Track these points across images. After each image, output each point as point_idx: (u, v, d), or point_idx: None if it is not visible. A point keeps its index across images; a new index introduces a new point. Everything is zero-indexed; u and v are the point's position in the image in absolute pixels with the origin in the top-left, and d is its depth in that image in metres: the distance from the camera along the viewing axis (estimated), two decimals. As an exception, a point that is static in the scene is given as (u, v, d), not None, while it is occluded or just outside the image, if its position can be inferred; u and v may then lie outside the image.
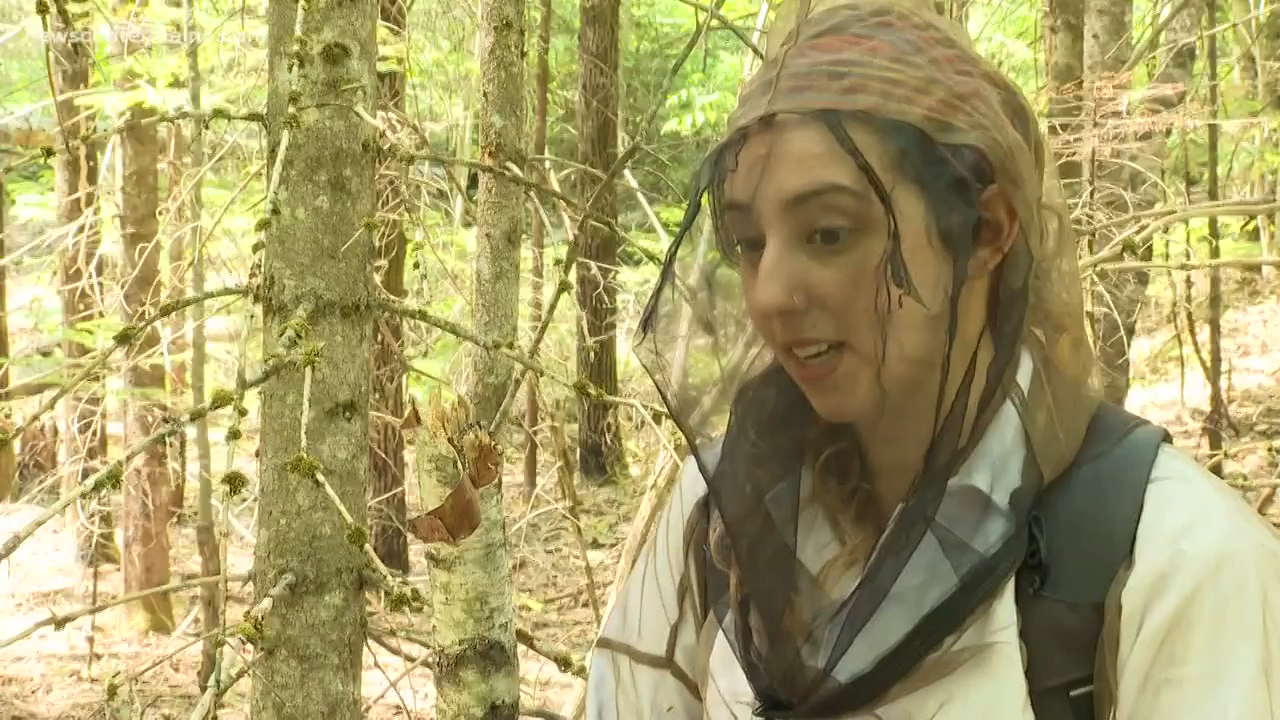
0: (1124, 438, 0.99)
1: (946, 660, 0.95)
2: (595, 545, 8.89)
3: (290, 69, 1.93)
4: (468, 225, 12.67)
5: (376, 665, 2.72)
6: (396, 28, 6.46)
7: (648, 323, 1.05)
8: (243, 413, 1.59)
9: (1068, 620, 0.94)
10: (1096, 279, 4.76)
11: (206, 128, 5.37)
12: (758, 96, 0.97)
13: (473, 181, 6.19)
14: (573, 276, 2.57)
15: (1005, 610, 0.95)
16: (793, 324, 0.96)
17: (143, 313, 6.22)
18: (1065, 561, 0.95)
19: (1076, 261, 1.05)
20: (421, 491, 1.20)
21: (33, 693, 6.54)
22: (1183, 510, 0.94)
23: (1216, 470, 7.91)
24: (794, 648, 0.99)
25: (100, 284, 7.45)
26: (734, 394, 1.07)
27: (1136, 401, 10.66)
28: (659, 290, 1.05)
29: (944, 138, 0.93)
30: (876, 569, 0.97)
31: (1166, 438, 1.00)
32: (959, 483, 0.96)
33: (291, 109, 1.88)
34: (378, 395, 7.02)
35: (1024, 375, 0.99)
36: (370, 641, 2.26)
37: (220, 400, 1.66)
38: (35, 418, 2.01)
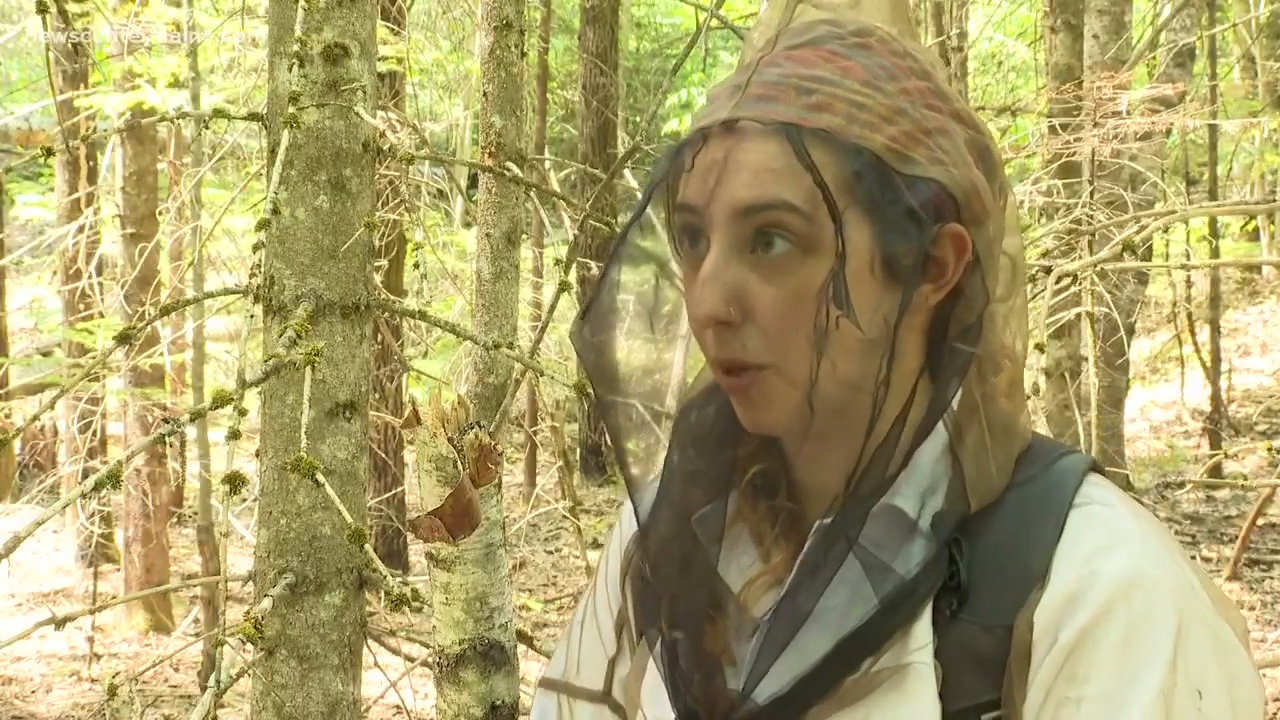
0: (1051, 465, 0.99)
1: (864, 681, 0.94)
2: (595, 545, 8.87)
3: (290, 69, 1.92)
4: (468, 225, 12.67)
5: (376, 665, 2.72)
6: (396, 28, 6.46)
7: (587, 313, 1.06)
8: (243, 413, 1.59)
9: (982, 643, 0.93)
10: (1096, 279, 4.76)
11: (206, 128, 5.37)
12: (724, 100, 0.96)
13: (473, 181, 6.19)
14: (573, 276, 2.57)
15: (922, 631, 0.94)
16: (725, 339, 0.96)
17: (143, 313, 6.22)
18: (984, 585, 0.94)
19: (1025, 307, 1.05)
20: (421, 491, 1.20)
21: (33, 693, 6.54)
22: (1101, 533, 0.94)
23: (1216, 470, 7.92)
24: (717, 668, 0.99)
25: (100, 284, 7.45)
26: (676, 411, 1.07)
27: (1136, 401, 10.67)
28: (602, 282, 1.06)
29: (902, 168, 0.93)
30: (795, 589, 0.97)
31: (1095, 467, 1.00)
32: (883, 503, 0.96)
33: (291, 109, 1.88)
34: (378, 395, 7.02)
35: (954, 403, 0.99)
36: (370, 641, 2.26)
37: (220, 400, 1.66)
38: (35, 418, 2.00)
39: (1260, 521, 7.13)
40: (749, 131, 0.93)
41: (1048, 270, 3.58)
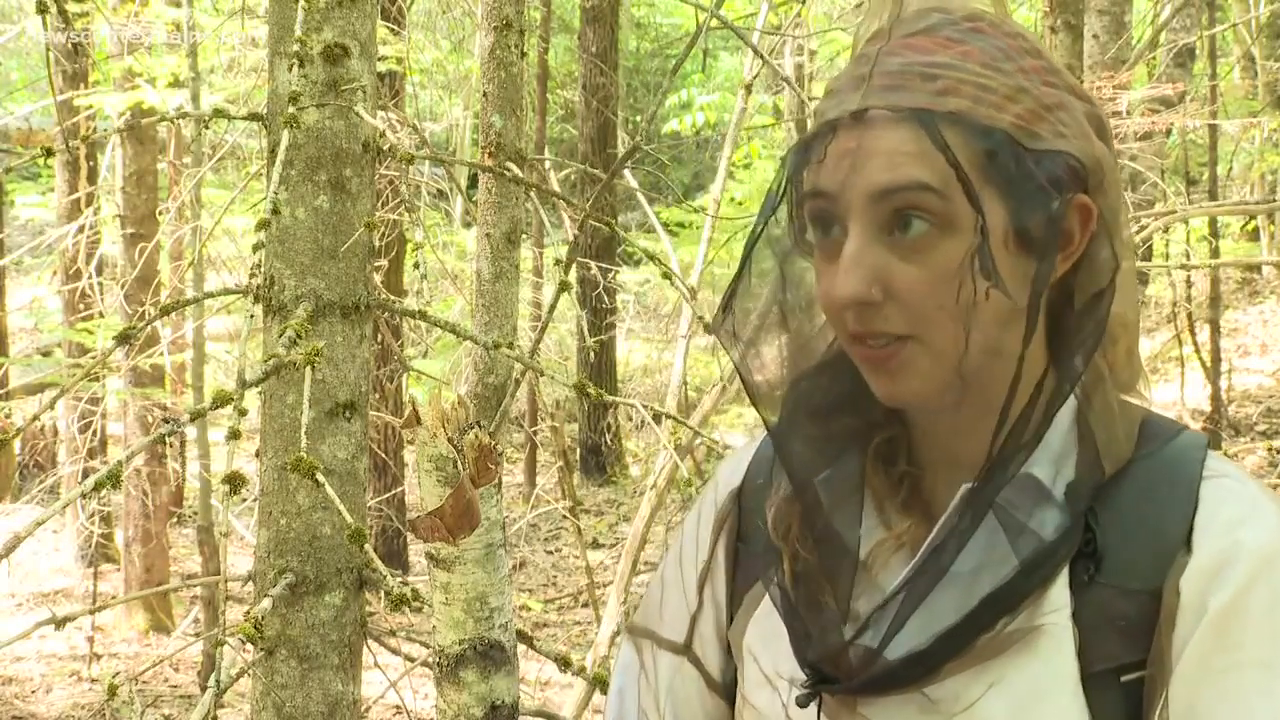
0: (1172, 439, 1.03)
1: (998, 641, 0.97)
2: (595, 545, 8.88)
3: (290, 69, 1.92)
4: (468, 225, 12.67)
5: (376, 665, 2.72)
6: (396, 28, 6.46)
7: (729, 305, 1.09)
8: (243, 413, 1.59)
9: (1122, 606, 0.97)
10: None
11: (206, 128, 5.37)
12: (849, 91, 1.00)
13: (473, 181, 6.19)
14: (573, 276, 2.58)
15: (1058, 594, 0.98)
16: (866, 316, 0.99)
17: (143, 313, 6.22)
18: (1120, 551, 0.98)
19: (1134, 274, 1.08)
20: (421, 491, 1.20)
21: (33, 693, 6.54)
22: (1238, 505, 0.98)
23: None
24: (839, 626, 1.03)
25: (100, 284, 7.45)
26: (789, 384, 1.10)
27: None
28: (740, 274, 1.08)
29: (1030, 144, 0.97)
30: (939, 549, 0.99)
31: (1213, 443, 1.03)
32: (1021, 472, 0.99)
33: (291, 109, 1.88)
34: (378, 395, 7.02)
35: (1085, 376, 1.02)
36: (370, 641, 2.26)
37: (220, 400, 1.66)
38: (35, 418, 2.00)
39: (1260, 521, 7.11)
40: (880, 119, 0.97)
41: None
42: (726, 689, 1.19)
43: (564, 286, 2.48)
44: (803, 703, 1.05)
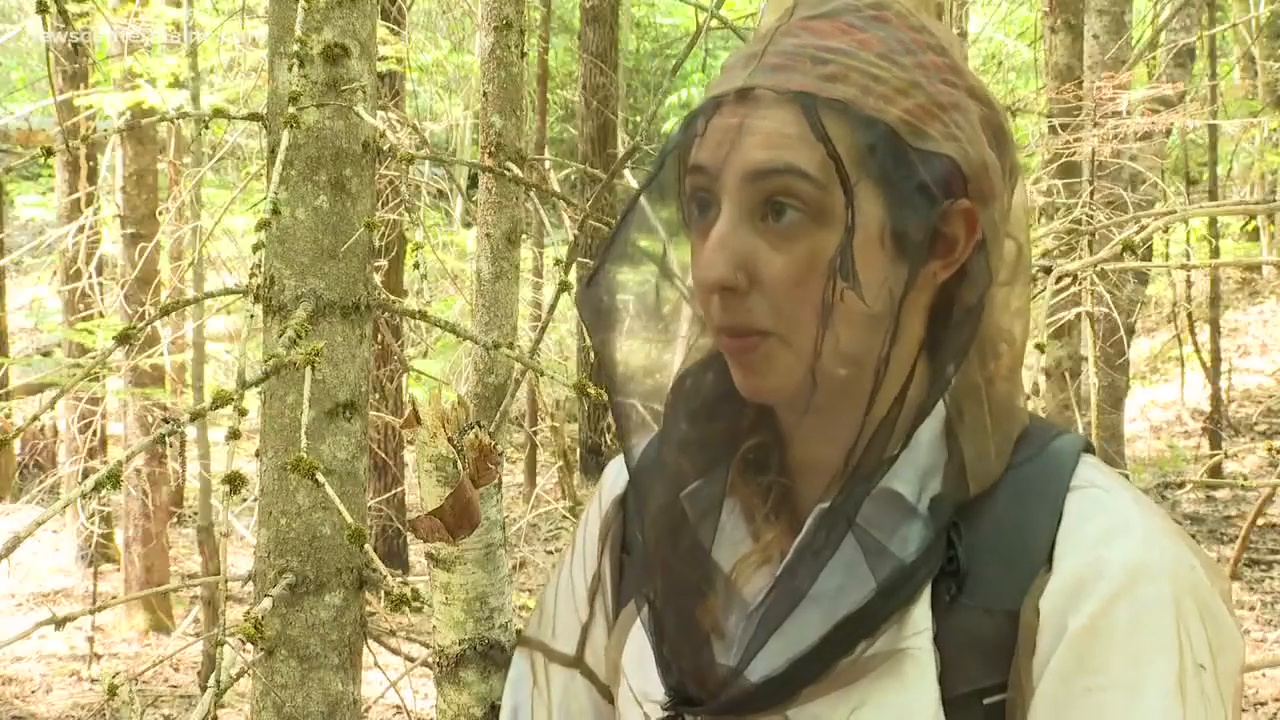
0: (1045, 446, 0.98)
1: (859, 665, 0.94)
2: (595, 545, 8.87)
3: (290, 69, 1.92)
4: (468, 225, 12.67)
5: (376, 665, 2.72)
6: (396, 28, 6.46)
7: (595, 278, 1.04)
8: (243, 413, 1.59)
9: (984, 627, 0.93)
10: (1096, 279, 4.76)
11: (206, 128, 5.37)
12: (739, 69, 0.96)
13: (473, 181, 6.19)
14: (573, 276, 2.57)
15: (921, 616, 0.93)
16: (731, 305, 0.95)
17: (143, 313, 6.22)
18: (984, 569, 0.94)
19: (1028, 293, 1.04)
20: (421, 491, 1.20)
21: (33, 693, 6.54)
22: (1102, 519, 0.93)
23: (1216, 470, 7.92)
24: (706, 645, 0.98)
25: (100, 284, 7.45)
26: (672, 380, 1.05)
27: (1136, 401, 10.67)
28: (610, 245, 1.04)
29: (916, 142, 0.92)
30: (793, 569, 0.96)
31: (1088, 447, 0.99)
32: (882, 486, 0.95)
33: (291, 109, 1.88)
34: (378, 395, 7.02)
35: (954, 385, 0.98)
36: (370, 641, 2.26)
37: (220, 400, 1.66)
38: (35, 418, 2.00)
39: (1260, 521, 7.13)
40: (763, 99, 0.93)
41: (1048, 270, 3.58)
42: None
43: (564, 286, 2.48)
44: None
